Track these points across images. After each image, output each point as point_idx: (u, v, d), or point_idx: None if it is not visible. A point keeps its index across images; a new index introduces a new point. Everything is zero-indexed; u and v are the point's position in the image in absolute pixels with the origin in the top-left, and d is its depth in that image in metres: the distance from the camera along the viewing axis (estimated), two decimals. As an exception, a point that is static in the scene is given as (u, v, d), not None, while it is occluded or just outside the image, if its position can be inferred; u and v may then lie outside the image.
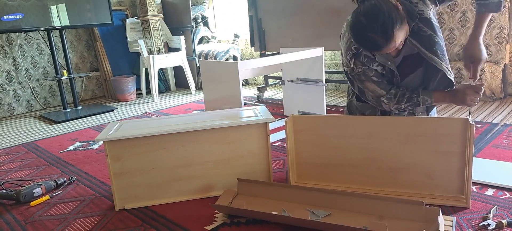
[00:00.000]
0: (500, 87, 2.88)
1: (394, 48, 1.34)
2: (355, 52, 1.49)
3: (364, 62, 1.51)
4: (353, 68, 1.52)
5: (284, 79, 2.88)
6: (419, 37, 1.42)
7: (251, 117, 1.68)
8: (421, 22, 1.40)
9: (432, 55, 1.43)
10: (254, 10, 3.62)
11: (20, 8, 3.26)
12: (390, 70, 1.55)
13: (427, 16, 1.41)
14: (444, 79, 1.49)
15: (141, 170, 1.60)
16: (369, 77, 1.53)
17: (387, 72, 1.55)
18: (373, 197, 1.35)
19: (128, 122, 1.75)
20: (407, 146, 1.46)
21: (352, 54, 1.50)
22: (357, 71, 1.52)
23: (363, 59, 1.50)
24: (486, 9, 1.38)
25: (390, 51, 1.36)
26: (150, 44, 4.18)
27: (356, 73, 1.53)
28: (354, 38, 1.35)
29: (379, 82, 1.52)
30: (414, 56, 1.50)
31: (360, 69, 1.51)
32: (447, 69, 1.46)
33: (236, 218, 1.45)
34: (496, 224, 1.26)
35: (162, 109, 3.64)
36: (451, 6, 3.00)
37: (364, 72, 1.52)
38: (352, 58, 1.50)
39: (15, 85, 3.96)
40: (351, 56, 1.50)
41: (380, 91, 1.52)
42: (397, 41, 1.31)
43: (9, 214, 1.65)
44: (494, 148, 1.94)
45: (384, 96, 1.53)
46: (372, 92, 1.54)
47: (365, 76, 1.53)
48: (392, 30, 1.27)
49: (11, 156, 2.49)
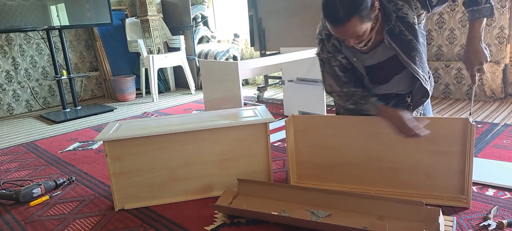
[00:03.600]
0: (500, 87, 2.87)
1: (349, 34, 1.26)
2: (324, 37, 1.47)
3: (330, 50, 1.48)
4: (319, 53, 1.52)
5: (284, 79, 2.88)
6: (399, 40, 1.37)
7: (251, 117, 1.68)
8: (403, 25, 1.35)
9: (409, 61, 1.39)
10: (254, 10, 3.61)
11: (20, 8, 3.26)
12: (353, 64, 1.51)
13: (410, 21, 1.35)
14: (420, 89, 1.48)
15: (141, 170, 1.59)
16: (332, 67, 1.50)
17: (353, 67, 1.52)
18: (373, 197, 1.35)
19: (128, 122, 1.74)
20: (407, 146, 1.46)
21: (320, 39, 1.49)
22: (322, 57, 1.52)
23: (329, 47, 1.47)
24: (479, 15, 1.35)
25: (344, 35, 1.28)
26: (149, 44, 4.17)
27: (320, 59, 1.53)
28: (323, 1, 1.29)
29: (337, 77, 1.50)
30: (394, 60, 1.43)
31: (325, 56, 1.50)
32: (423, 77, 1.43)
33: (236, 218, 1.44)
34: (496, 224, 1.26)
35: (162, 109, 3.64)
36: (451, 6, 3.00)
37: (328, 60, 1.50)
38: (320, 43, 1.49)
39: (14, 85, 3.95)
40: (319, 40, 1.49)
41: (335, 87, 1.51)
42: (356, 29, 1.23)
43: (9, 214, 1.65)
44: (494, 148, 1.93)
45: (336, 93, 1.52)
46: (329, 86, 1.53)
47: (328, 65, 1.51)
48: (355, 11, 1.20)
49: (11, 156, 2.48)
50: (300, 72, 2.71)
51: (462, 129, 1.36)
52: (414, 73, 1.41)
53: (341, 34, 1.28)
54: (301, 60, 2.59)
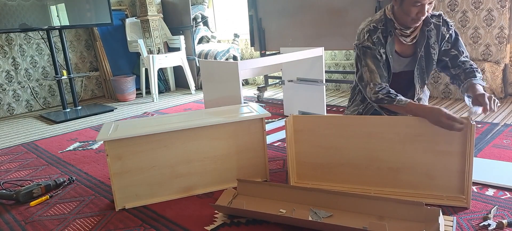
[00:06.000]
0: (500, 87, 2.87)
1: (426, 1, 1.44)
2: (373, 28, 1.60)
3: (375, 41, 1.60)
4: (363, 41, 1.61)
5: (284, 79, 2.88)
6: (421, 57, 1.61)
7: (247, 113, 1.73)
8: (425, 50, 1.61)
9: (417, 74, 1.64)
10: (254, 10, 3.62)
11: (20, 8, 3.26)
12: (387, 64, 1.62)
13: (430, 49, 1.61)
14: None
15: (141, 168, 1.60)
16: (375, 56, 1.60)
17: (384, 64, 1.62)
18: (373, 198, 1.35)
19: (124, 122, 1.75)
20: (407, 146, 1.46)
21: (368, 29, 1.61)
22: (366, 44, 1.61)
23: (375, 39, 1.60)
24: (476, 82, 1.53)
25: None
26: (149, 44, 4.17)
27: (365, 46, 1.61)
28: None
29: (379, 68, 1.59)
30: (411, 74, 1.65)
31: (369, 44, 1.60)
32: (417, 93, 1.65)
33: (236, 218, 1.44)
34: (496, 224, 1.26)
35: (162, 109, 3.64)
36: (451, 5, 3.00)
37: (371, 49, 1.60)
38: (367, 33, 1.61)
39: (14, 85, 3.95)
40: (367, 30, 1.61)
41: (375, 76, 1.58)
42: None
43: (9, 214, 1.65)
44: (494, 148, 1.94)
45: (373, 83, 1.58)
46: (370, 72, 1.60)
47: (371, 53, 1.60)
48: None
49: (11, 156, 2.48)
50: (300, 72, 2.71)
51: (462, 129, 1.35)
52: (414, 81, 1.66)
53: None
54: (301, 60, 2.59)
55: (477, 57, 2.98)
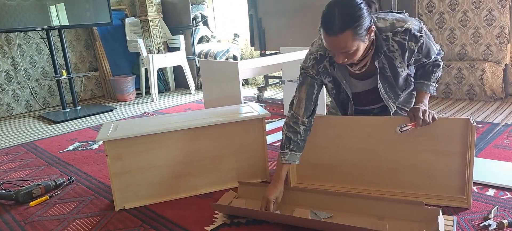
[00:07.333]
0: (501, 87, 2.87)
1: (341, 47, 1.27)
2: (319, 58, 1.47)
3: (320, 71, 1.48)
4: (307, 67, 1.49)
5: (284, 79, 2.88)
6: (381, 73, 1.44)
7: (247, 113, 1.73)
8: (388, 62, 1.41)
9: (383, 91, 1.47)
10: (254, 10, 3.61)
11: (19, 7, 3.25)
12: (345, 92, 1.53)
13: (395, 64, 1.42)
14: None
15: (141, 168, 1.59)
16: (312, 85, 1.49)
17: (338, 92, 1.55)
18: (373, 198, 1.35)
19: (124, 122, 1.74)
20: (407, 146, 1.45)
21: (314, 57, 1.47)
22: (309, 72, 1.49)
23: (321, 68, 1.47)
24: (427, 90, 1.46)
25: (335, 48, 1.28)
26: (149, 43, 4.17)
27: (306, 72, 1.50)
28: (323, 10, 1.31)
29: (309, 100, 1.49)
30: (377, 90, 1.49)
31: (312, 72, 1.49)
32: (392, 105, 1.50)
33: (236, 219, 1.44)
34: (497, 225, 1.26)
35: (162, 109, 3.63)
36: (452, 5, 3.00)
37: (312, 78, 1.49)
38: (314, 60, 1.48)
39: (14, 85, 3.95)
40: (313, 58, 1.48)
41: (300, 107, 1.48)
42: (347, 43, 1.25)
43: (8, 214, 1.65)
44: (495, 148, 1.93)
45: (294, 113, 1.49)
46: (298, 100, 1.49)
47: (309, 82, 1.50)
48: (350, 25, 1.22)
49: (10, 156, 2.48)
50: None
51: (462, 129, 1.35)
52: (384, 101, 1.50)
53: (333, 46, 1.28)
54: (301, 60, 2.58)
55: (478, 57, 2.98)
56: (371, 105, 1.59)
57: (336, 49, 1.28)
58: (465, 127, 1.35)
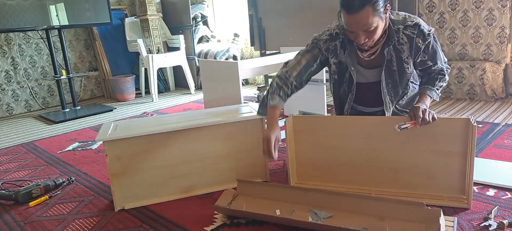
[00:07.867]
0: (501, 87, 2.87)
1: (362, 25, 1.31)
2: (334, 35, 1.53)
3: (329, 48, 1.54)
4: (320, 40, 1.55)
5: (284, 79, 2.87)
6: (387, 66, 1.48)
7: (247, 113, 1.72)
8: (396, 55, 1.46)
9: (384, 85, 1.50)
10: (254, 9, 3.61)
11: (19, 7, 3.25)
12: (350, 79, 1.54)
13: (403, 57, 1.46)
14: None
15: (141, 168, 1.59)
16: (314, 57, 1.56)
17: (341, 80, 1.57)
18: (373, 198, 1.34)
19: (123, 122, 1.74)
20: (408, 146, 1.45)
21: (330, 33, 1.54)
22: (319, 44, 1.55)
23: (331, 46, 1.53)
24: (430, 94, 1.47)
25: (356, 27, 1.33)
26: (149, 43, 4.16)
27: (315, 44, 1.56)
28: None
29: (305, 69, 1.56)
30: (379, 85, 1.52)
31: (321, 46, 1.54)
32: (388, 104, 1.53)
33: (236, 219, 1.44)
34: (497, 225, 1.25)
35: (161, 109, 3.63)
36: (452, 5, 2.99)
37: (318, 50, 1.55)
38: (328, 35, 1.54)
39: (13, 85, 3.94)
40: (329, 34, 1.54)
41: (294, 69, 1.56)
42: (368, 20, 1.29)
43: (8, 214, 1.64)
44: (495, 148, 1.93)
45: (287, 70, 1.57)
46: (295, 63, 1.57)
47: (313, 54, 1.56)
48: (369, 1, 1.28)
49: (10, 156, 2.48)
50: (300, 72, 2.70)
51: (463, 129, 1.35)
52: (383, 97, 1.52)
53: (354, 24, 1.33)
54: (301, 60, 2.58)
55: (478, 57, 2.97)
56: (369, 107, 1.60)
57: (357, 27, 1.33)
58: (466, 127, 1.34)
